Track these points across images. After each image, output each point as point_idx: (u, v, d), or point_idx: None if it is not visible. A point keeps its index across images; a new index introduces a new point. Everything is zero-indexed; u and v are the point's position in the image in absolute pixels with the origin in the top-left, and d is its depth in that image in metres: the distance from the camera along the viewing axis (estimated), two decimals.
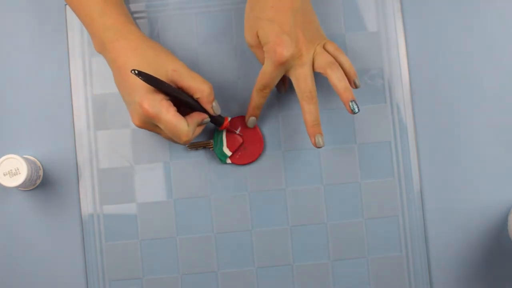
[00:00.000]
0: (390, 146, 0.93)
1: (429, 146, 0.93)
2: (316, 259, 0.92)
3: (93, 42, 0.86)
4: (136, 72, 0.80)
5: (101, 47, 0.85)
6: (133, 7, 0.94)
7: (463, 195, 0.93)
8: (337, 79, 0.84)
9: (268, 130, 0.93)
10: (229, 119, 0.92)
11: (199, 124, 0.86)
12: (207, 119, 0.86)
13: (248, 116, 0.90)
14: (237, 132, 0.92)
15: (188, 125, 0.83)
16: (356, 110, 0.84)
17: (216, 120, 0.89)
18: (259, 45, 0.84)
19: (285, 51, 0.82)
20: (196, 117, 0.85)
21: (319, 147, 0.87)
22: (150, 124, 0.84)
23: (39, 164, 0.92)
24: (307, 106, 0.85)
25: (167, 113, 0.82)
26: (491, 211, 0.93)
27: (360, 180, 0.93)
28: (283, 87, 0.92)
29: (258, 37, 0.83)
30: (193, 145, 0.92)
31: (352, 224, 0.92)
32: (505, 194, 0.93)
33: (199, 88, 0.84)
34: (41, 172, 0.92)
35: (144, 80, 0.80)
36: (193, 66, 0.93)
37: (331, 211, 0.92)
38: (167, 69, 0.83)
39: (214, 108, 0.86)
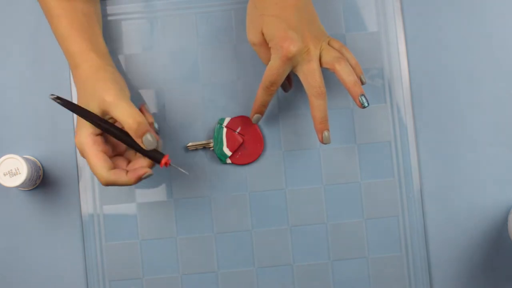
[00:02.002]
0: (390, 146, 0.93)
1: (429, 146, 0.93)
2: (316, 259, 0.92)
3: None
4: (55, 96, 0.80)
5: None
6: (133, 7, 0.94)
7: (463, 195, 0.93)
8: (346, 74, 0.84)
9: (268, 130, 0.93)
10: (169, 157, 0.85)
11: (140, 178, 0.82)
12: (147, 173, 0.81)
13: (253, 113, 0.89)
14: (237, 132, 0.92)
15: (108, 170, 0.80)
16: (366, 104, 0.84)
17: (153, 157, 0.82)
18: (263, 43, 0.84)
19: (292, 46, 0.82)
20: (134, 169, 0.81)
21: (326, 143, 0.86)
22: None
23: (39, 164, 0.92)
24: (316, 102, 0.84)
25: (89, 151, 0.80)
26: (491, 211, 0.93)
27: (360, 180, 0.93)
28: (288, 85, 0.92)
29: (262, 34, 0.83)
30: (193, 145, 0.92)
31: (352, 224, 0.92)
32: (505, 194, 0.93)
33: (126, 121, 0.79)
34: (41, 172, 0.92)
35: (63, 106, 0.80)
36: (193, 66, 0.93)
37: (331, 211, 0.92)
38: (100, 100, 0.81)
39: (145, 142, 0.80)
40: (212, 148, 0.92)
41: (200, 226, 0.92)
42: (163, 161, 0.82)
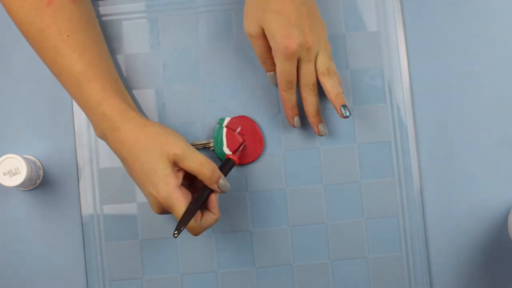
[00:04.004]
0: (390, 146, 0.93)
1: (429, 146, 0.93)
2: (316, 259, 0.92)
3: (93, 128, 0.86)
4: (177, 232, 0.81)
5: (102, 135, 0.85)
6: (133, 7, 0.94)
7: (463, 195, 0.93)
8: (330, 85, 0.87)
9: (268, 130, 0.93)
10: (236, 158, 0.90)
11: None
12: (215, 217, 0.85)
13: (291, 117, 0.90)
14: (237, 132, 0.92)
15: (198, 220, 0.83)
16: (347, 114, 0.87)
17: (229, 168, 0.89)
18: (260, 35, 0.85)
19: (292, 42, 0.83)
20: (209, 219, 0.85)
21: (322, 135, 0.90)
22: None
23: (39, 164, 0.92)
24: (309, 98, 0.87)
25: (178, 205, 0.82)
26: (491, 211, 0.92)
27: (360, 180, 0.93)
28: (272, 65, 0.91)
29: (261, 27, 0.84)
30: (193, 145, 0.92)
31: (352, 224, 0.92)
32: (505, 194, 0.93)
33: (200, 171, 0.82)
34: (41, 172, 0.92)
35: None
36: (193, 66, 0.93)
37: (331, 211, 0.92)
38: (168, 153, 0.82)
39: (221, 187, 0.84)
40: (212, 148, 0.92)
41: None
42: (235, 159, 0.90)
